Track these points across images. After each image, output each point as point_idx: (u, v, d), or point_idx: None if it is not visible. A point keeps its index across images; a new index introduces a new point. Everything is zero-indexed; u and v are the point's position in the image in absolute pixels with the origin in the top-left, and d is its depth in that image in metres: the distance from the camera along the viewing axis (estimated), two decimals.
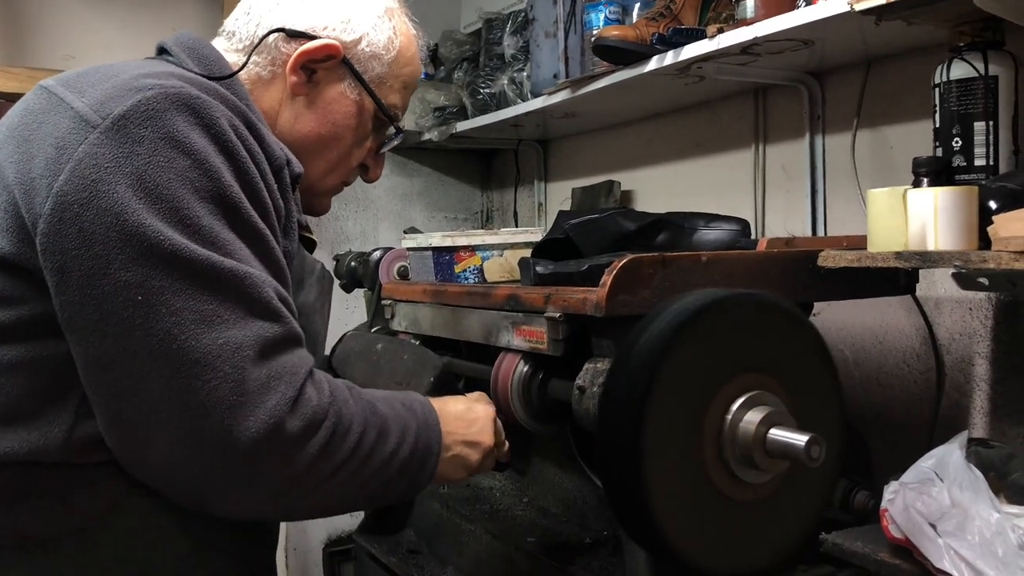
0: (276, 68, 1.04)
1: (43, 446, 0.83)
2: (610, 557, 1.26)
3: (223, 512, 0.86)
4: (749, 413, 0.94)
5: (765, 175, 1.91)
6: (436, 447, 0.99)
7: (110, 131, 0.81)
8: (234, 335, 0.80)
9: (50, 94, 0.88)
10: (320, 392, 0.86)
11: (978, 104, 1.20)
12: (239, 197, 0.85)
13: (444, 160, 2.91)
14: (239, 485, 0.83)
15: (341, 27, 1.06)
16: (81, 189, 0.79)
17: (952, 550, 0.95)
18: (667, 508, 0.92)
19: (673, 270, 1.09)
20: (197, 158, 0.83)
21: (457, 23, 2.86)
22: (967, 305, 1.50)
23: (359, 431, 0.89)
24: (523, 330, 1.20)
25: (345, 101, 1.07)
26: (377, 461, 0.91)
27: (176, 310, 0.79)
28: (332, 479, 0.87)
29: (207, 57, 1.01)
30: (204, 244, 0.81)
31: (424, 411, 1.00)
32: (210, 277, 0.81)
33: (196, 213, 0.82)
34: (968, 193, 1.09)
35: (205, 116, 0.85)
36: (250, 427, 0.79)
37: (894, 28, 1.32)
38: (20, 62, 2.27)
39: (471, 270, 1.52)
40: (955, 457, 1.04)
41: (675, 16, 1.72)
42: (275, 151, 0.94)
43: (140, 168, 0.80)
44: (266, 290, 0.84)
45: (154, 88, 0.84)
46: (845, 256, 1.15)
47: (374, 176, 1.19)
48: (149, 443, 0.81)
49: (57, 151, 0.81)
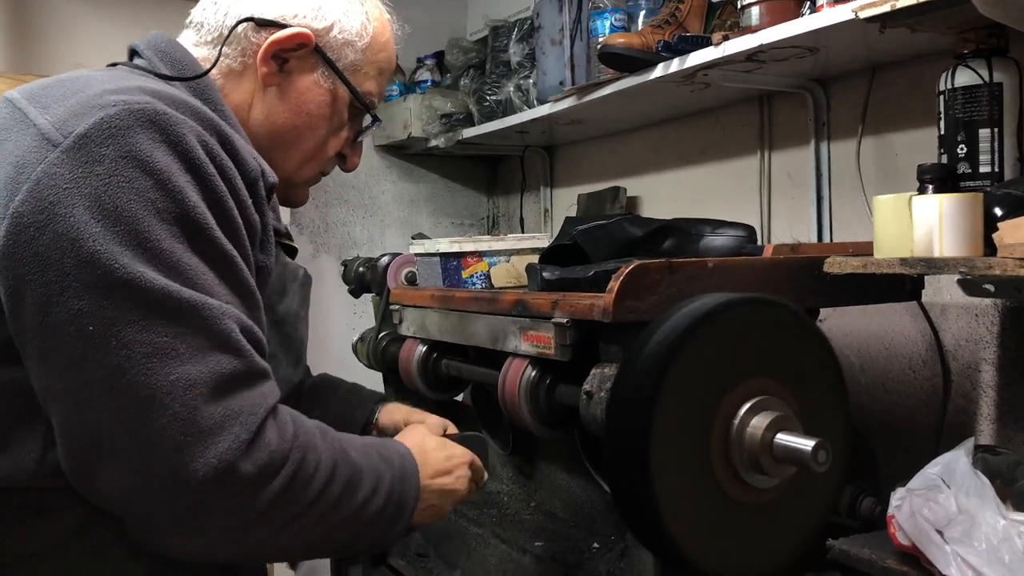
0: (247, 59, 1.02)
1: (13, 473, 0.81)
2: (617, 562, 1.26)
3: (173, 551, 0.83)
4: (756, 418, 0.94)
5: (771, 182, 1.92)
6: (412, 501, 0.97)
7: (71, 150, 0.78)
8: (187, 371, 0.77)
9: (14, 108, 0.85)
10: (282, 434, 0.83)
11: (983, 111, 1.21)
12: (204, 218, 0.82)
13: (450, 166, 2.92)
14: (187, 526, 0.80)
15: (312, 14, 1.03)
16: (38, 211, 0.76)
17: (959, 557, 0.95)
18: (674, 512, 0.92)
19: (680, 276, 1.10)
20: (160, 178, 0.79)
21: (463, 30, 2.87)
22: (973, 311, 1.50)
23: (325, 477, 0.86)
24: (530, 335, 1.21)
25: (318, 90, 1.05)
26: (345, 510, 0.89)
27: (127, 343, 0.76)
28: (292, 525, 0.84)
29: (178, 59, 0.99)
30: (163, 271, 0.78)
31: (402, 463, 0.98)
32: (166, 308, 0.77)
33: (156, 236, 0.78)
34: (973, 200, 1.09)
35: (171, 133, 0.82)
36: (199, 468, 0.76)
37: (899, 35, 1.32)
38: (31, 70, 2.29)
39: (478, 275, 1.53)
40: (962, 464, 1.05)
41: (680, 24, 1.73)
42: (249, 163, 0.90)
43: (99, 189, 0.77)
44: (226, 322, 0.81)
45: (118, 104, 0.80)
46: (851, 262, 1.15)
47: (352, 165, 1.16)
48: (98, 475, 0.79)
49: (16, 170, 0.79)
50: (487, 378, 1.34)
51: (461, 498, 1.07)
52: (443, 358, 1.51)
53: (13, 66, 2.32)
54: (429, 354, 1.52)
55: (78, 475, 0.80)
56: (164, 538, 0.82)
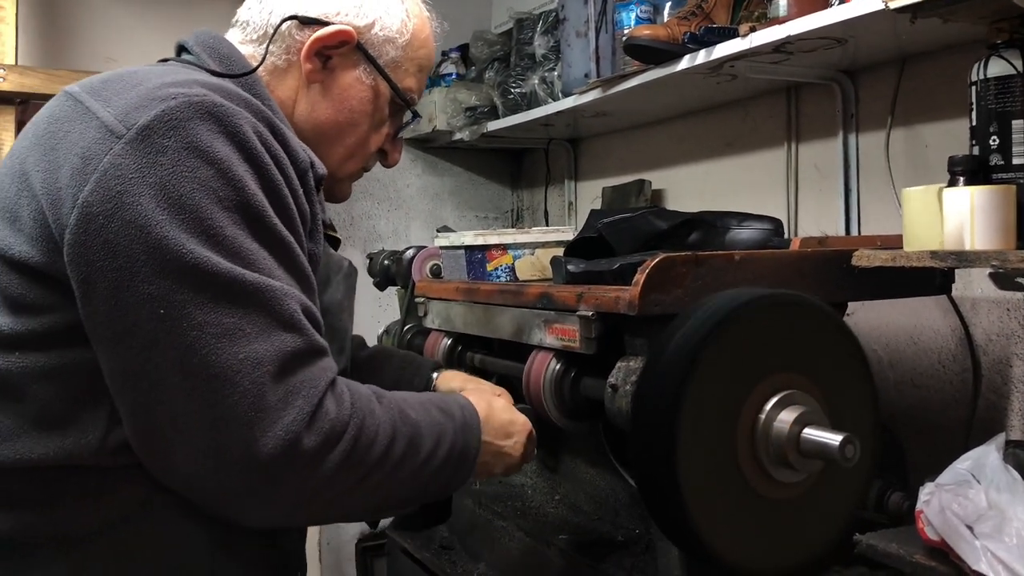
0: (291, 56, 1.04)
1: (77, 451, 0.84)
2: (642, 555, 1.26)
3: (244, 521, 0.87)
4: (783, 412, 0.94)
5: (798, 174, 1.90)
6: (474, 452, 0.99)
7: (134, 141, 0.81)
8: (255, 350, 0.80)
9: (76, 102, 0.88)
10: (340, 404, 0.86)
11: (1016, 102, 1.18)
12: (263, 206, 0.85)
13: (475, 159, 2.93)
14: (258, 498, 0.83)
15: (354, 12, 1.05)
16: (106, 200, 0.80)
17: (989, 552, 0.94)
18: (701, 506, 0.92)
19: (706, 269, 1.09)
20: (220, 167, 0.83)
21: (488, 23, 2.87)
22: (1005, 305, 1.48)
23: (386, 441, 0.89)
24: (555, 328, 1.21)
25: (360, 87, 1.07)
26: (409, 467, 0.91)
27: (198, 324, 0.79)
28: (358, 488, 0.87)
29: (226, 55, 1.01)
30: (227, 256, 0.81)
31: (463, 414, 1.00)
32: (232, 290, 0.81)
33: (219, 223, 0.82)
34: (1005, 192, 1.07)
35: (228, 124, 0.85)
36: (267, 443, 0.80)
37: (929, 25, 1.30)
38: (62, 65, 2.32)
39: (503, 268, 1.53)
40: (992, 459, 1.03)
41: (707, 15, 1.72)
42: (299, 154, 0.93)
43: (164, 179, 0.80)
44: (288, 302, 0.84)
45: (178, 97, 0.84)
46: (879, 255, 1.14)
47: (393, 161, 1.18)
48: (171, 453, 0.82)
49: (83, 161, 0.82)
50: (512, 371, 1.34)
51: (513, 466, 1.07)
52: (468, 351, 1.52)
53: (44, 61, 2.35)
54: (454, 347, 1.53)
55: (150, 455, 0.84)
56: (238, 511, 0.85)
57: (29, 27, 2.33)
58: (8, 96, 2.07)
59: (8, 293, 0.85)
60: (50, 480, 0.84)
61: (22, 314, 0.84)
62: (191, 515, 0.87)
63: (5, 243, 0.85)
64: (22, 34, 2.17)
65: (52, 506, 0.85)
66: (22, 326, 0.84)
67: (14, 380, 0.84)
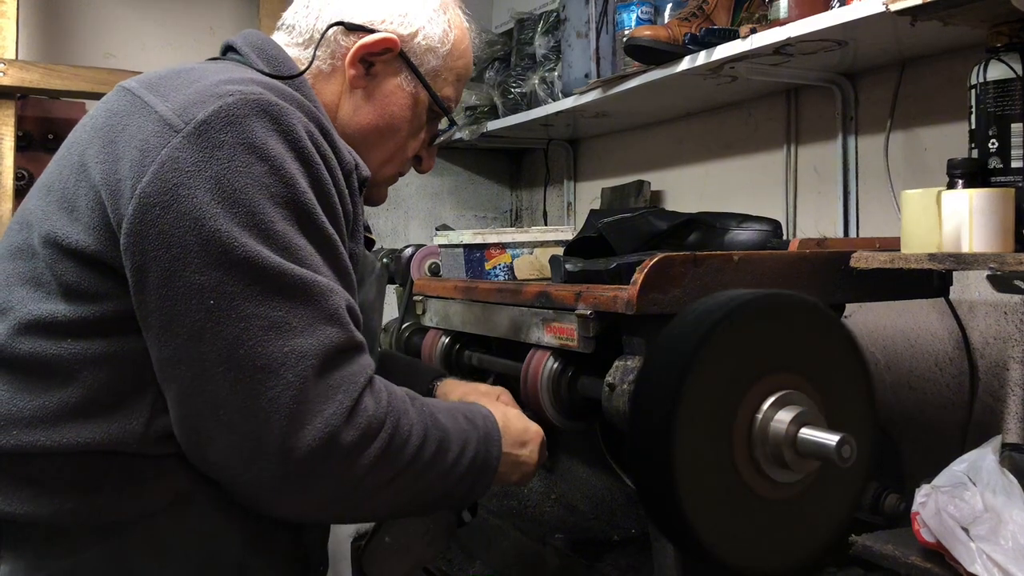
0: (336, 61, 1.06)
1: (121, 437, 0.85)
2: (638, 555, 1.26)
3: (277, 514, 0.88)
4: (780, 412, 0.94)
5: (797, 176, 1.90)
6: (495, 462, 1.00)
7: (192, 136, 0.83)
8: (300, 344, 0.82)
9: (133, 96, 0.90)
10: (378, 401, 0.87)
11: (1015, 105, 1.19)
12: (312, 204, 0.87)
13: (474, 159, 2.93)
14: (293, 491, 0.84)
15: (398, 21, 1.08)
16: (163, 192, 0.82)
17: (984, 554, 0.94)
18: (698, 506, 0.92)
19: (704, 269, 1.09)
20: (274, 164, 0.85)
21: (489, 23, 2.87)
22: (1002, 309, 1.48)
23: (418, 442, 0.90)
24: (553, 327, 1.21)
25: (401, 93, 1.09)
26: (438, 470, 0.93)
27: (246, 316, 0.81)
28: (389, 487, 0.89)
29: (275, 57, 1.03)
30: (277, 250, 0.83)
31: (485, 424, 1.01)
32: (281, 284, 0.83)
33: (271, 218, 0.83)
34: (1004, 195, 1.08)
35: (283, 123, 0.87)
36: (306, 435, 0.81)
37: (930, 28, 1.31)
38: (62, 60, 2.32)
39: (501, 267, 1.53)
40: (988, 461, 1.04)
41: (707, 16, 1.72)
42: (345, 156, 0.96)
43: (219, 173, 0.82)
44: (334, 299, 0.86)
45: (235, 95, 0.86)
46: (877, 257, 1.14)
47: (427, 167, 1.20)
48: (211, 442, 0.84)
49: (141, 153, 0.84)
50: (509, 370, 1.34)
51: (528, 474, 1.08)
52: (466, 349, 1.52)
53: (44, 56, 2.35)
54: (452, 345, 1.53)
55: (191, 443, 0.85)
56: (272, 503, 0.86)
57: (29, 22, 2.33)
58: (8, 91, 2.07)
59: (64, 280, 0.86)
60: (92, 467, 0.86)
61: (76, 301, 0.86)
62: (226, 508, 0.89)
63: (63, 232, 0.87)
64: (22, 29, 2.17)
65: (93, 493, 0.86)
66: (76, 313, 0.86)
67: (65, 366, 0.85)
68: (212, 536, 0.90)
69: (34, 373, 0.86)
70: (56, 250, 0.87)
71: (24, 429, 0.85)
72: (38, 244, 0.89)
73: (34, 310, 0.86)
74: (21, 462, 0.85)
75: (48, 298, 0.87)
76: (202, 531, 0.89)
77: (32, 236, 0.90)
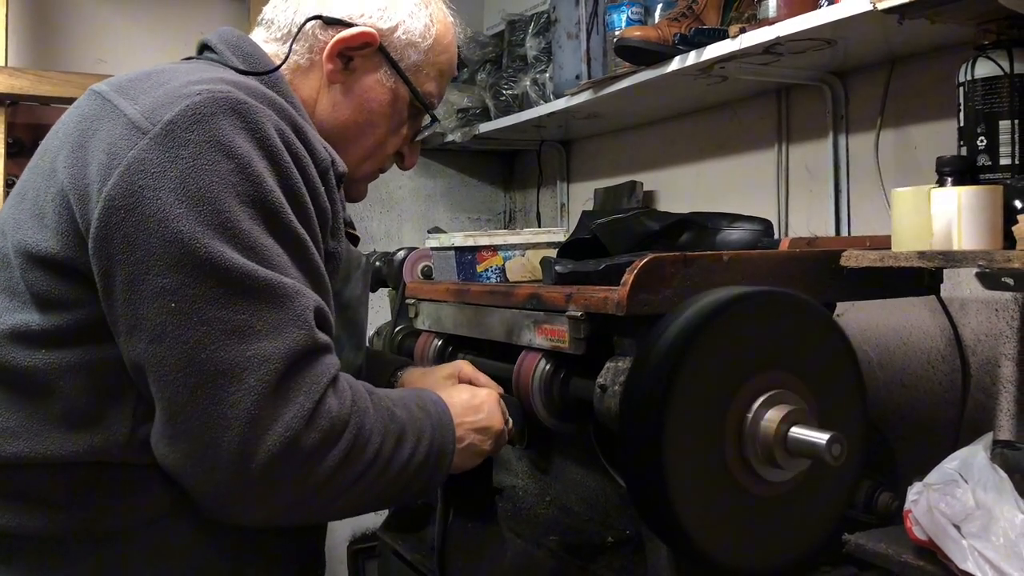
0: (314, 56, 1.05)
1: (105, 447, 0.84)
2: (632, 556, 1.26)
3: (241, 521, 0.86)
4: (770, 411, 0.94)
5: (788, 175, 1.91)
6: (451, 446, 0.99)
7: (159, 137, 0.82)
8: (263, 348, 0.80)
9: (104, 100, 0.89)
10: (342, 401, 0.86)
11: (1003, 103, 1.19)
12: (280, 203, 0.86)
13: (467, 161, 2.93)
14: (254, 498, 0.83)
15: (378, 15, 1.06)
16: (128, 194, 0.81)
17: (976, 551, 0.94)
18: (689, 505, 0.92)
19: (695, 269, 1.09)
20: (241, 162, 0.83)
21: (480, 25, 2.87)
22: (993, 306, 1.48)
23: (379, 440, 0.89)
24: (545, 329, 1.21)
25: (381, 89, 1.08)
26: (396, 467, 0.92)
27: (208, 319, 0.80)
28: (352, 488, 0.88)
29: (250, 54, 1.02)
30: (242, 251, 0.82)
31: (438, 411, 1.00)
32: (245, 287, 0.81)
33: (236, 217, 0.82)
34: (993, 192, 1.08)
35: (251, 121, 0.85)
36: (266, 440, 0.79)
37: (917, 27, 1.31)
38: (53, 66, 2.31)
39: (493, 270, 1.53)
40: (980, 458, 1.04)
41: (697, 16, 1.72)
42: (320, 152, 0.94)
43: (184, 172, 0.81)
44: (300, 300, 0.84)
45: (203, 93, 0.85)
46: (868, 256, 1.14)
47: (409, 164, 1.19)
48: (173, 446, 0.82)
49: (109, 157, 0.83)
50: (501, 372, 1.34)
51: (500, 434, 1.08)
52: (458, 352, 1.52)
53: (34, 62, 2.34)
54: (444, 348, 1.53)
55: (156, 448, 0.84)
56: (234, 509, 0.84)
57: (19, 28, 2.32)
58: None
59: (35, 290, 0.86)
60: (81, 478, 0.85)
61: (49, 310, 0.85)
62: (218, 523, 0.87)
63: (33, 239, 0.86)
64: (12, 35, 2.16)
65: (84, 504, 0.86)
66: (49, 323, 0.85)
67: (42, 377, 0.84)
68: (207, 542, 0.89)
69: (14, 385, 0.85)
70: (27, 259, 0.86)
71: (9, 441, 0.84)
72: (12, 253, 0.88)
73: (8, 320, 0.86)
74: (8, 474, 0.84)
75: (22, 308, 0.86)
76: (197, 538, 0.89)
77: (6, 245, 0.89)
